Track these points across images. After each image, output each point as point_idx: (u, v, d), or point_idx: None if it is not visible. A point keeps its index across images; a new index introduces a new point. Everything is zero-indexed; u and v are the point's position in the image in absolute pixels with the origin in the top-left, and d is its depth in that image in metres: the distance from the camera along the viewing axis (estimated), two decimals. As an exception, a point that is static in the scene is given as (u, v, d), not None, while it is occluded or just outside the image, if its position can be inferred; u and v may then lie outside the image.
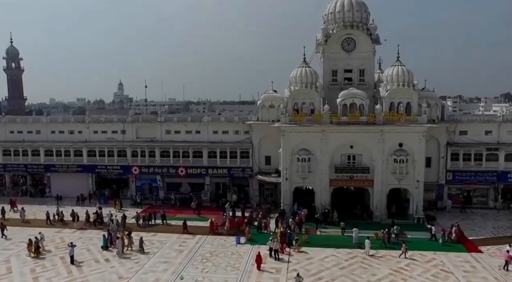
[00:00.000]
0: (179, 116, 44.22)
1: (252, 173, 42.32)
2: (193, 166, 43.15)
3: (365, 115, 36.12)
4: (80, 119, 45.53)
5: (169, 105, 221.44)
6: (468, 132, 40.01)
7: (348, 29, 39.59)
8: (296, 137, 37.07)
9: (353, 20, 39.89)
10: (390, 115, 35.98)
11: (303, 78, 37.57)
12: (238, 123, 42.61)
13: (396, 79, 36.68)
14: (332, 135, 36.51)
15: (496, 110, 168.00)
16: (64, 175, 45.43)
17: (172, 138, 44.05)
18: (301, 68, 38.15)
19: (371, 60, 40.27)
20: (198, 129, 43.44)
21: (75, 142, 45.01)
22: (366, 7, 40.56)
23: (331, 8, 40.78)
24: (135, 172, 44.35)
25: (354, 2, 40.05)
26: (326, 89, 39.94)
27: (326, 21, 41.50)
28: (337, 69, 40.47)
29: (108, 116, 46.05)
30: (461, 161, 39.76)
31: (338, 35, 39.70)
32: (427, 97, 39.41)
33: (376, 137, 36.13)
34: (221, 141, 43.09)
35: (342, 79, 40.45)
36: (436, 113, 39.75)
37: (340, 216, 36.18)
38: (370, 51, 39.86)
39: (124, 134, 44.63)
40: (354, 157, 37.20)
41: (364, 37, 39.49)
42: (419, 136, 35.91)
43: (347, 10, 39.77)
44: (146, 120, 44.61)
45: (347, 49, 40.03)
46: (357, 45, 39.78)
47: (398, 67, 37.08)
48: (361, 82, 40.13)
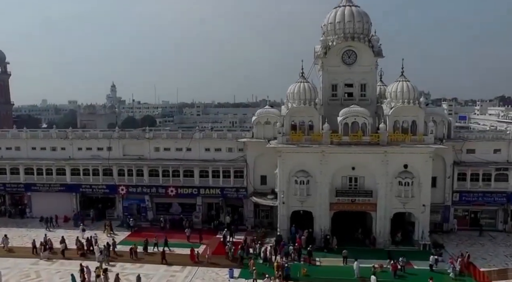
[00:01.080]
0: (168, 133, 41.47)
1: (247, 193, 39.74)
2: (183, 186, 40.46)
3: (367, 135, 33.66)
4: (63, 135, 42.59)
5: (162, 108, 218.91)
6: (476, 151, 37.74)
7: (349, 41, 37.10)
8: (293, 158, 34.53)
9: (354, 31, 37.40)
10: (395, 135, 33.57)
11: (301, 95, 35.03)
12: (232, 141, 39.97)
13: (401, 96, 34.26)
14: (333, 156, 34.02)
15: (491, 114, 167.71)
16: (46, 194, 42.52)
17: (161, 155, 41.34)
18: (299, 83, 35.62)
19: (373, 74, 37.82)
20: (189, 147, 40.76)
21: (58, 159, 42.10)
22: (367, 17, 38.10)
23: (331, 18, 38.26)
24: (122, 192, 41.58)
25: (355, 12, 37.57)
26: (325, 105, 37.45)
27: (325, 31, 38.99)
28: (337, 84, 37.99)
29: (93, 132, 43.06)
30: (469, 181, 37.45)
31: (338, 48, 37.21)
32: (433, 113, 37.13)
33: (379, 159, 33.70)
34: (214, 159, 40.46)
35: (342, 94, 37.98)
36: (443, 131, 37.48)
37: (340, 240, 33.89)
38: (372, 65, 37.41)
39: (110, 151, 41.82)
40: (356, 179, 34.75)
41: (365, 50, 37.03)
42: (426, 158, 33.54)
43: (347, 21, 37.26)
44: (134, 137, 41.81)
45: (347, 63, 37.56)
46: (358, 58, 37.31)
47: (403, 83, 34.67)
48: (362, 98, 37.67)
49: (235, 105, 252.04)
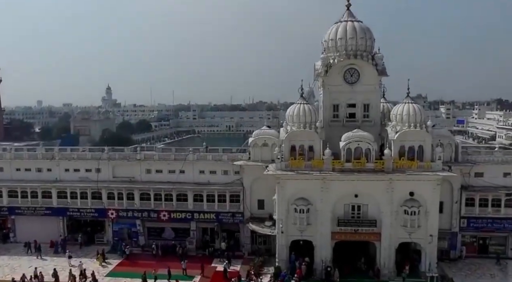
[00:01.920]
0: (160, 154, 39.21)
1: (243, 218, 37.66)
2: (177, 210, 38.32)
3: (372, 161, 31.63)
4: (49, 156, 40.34)
5: (158, 111, 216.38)
6: (484, 174, 35.85)
7: (351, 59, 35.10)
8: (293, 185, 32.45)
9: (356, 48, 35.40)
10: (401, 162, 31.55)
11: (301, 118, 32.98)
12: (227, 163, 37.85)
13: (407, 119, 32.25)
14: (335, 183, 31.98)
15: (490, 118, 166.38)
16: (31, 218, 40.22)
17: (153, 178, 39.21)
18: (298, 105, 33.60)
19: (377, 94, 35.84)
20: (182, 169, 38.64)
21: (44, 181, 39.85)
22: (370, 33, 36.10)
23: (332, 34, 36.23)
24: (112, 216, 39.38)
25: (358, 28, 35.56)
26: (326, 126, 35.44)
27: (326, 48, 36.96)
28: (339, 104, 36.00)
29: (81, 153, 40.78)
30: (477, 206, 35.53)
31: (339, 66, 35.21)
32: (439, 135, 35.15)
33: (384, 186, 31.70)
34: (208, 181, 38.37)
35: (344, 115, 35.97)
36: (450, 153, 35.52)
37: (342, 270, 31.96)
38: (376, 84, 35.43)
39: (99, 173, 39.62)
40: (359, 207, 32.72)
41: (369, 68, 35.04)
42: (433, 185, 31.55)
43: (350, 38, 35.23)
44: (124, 158, 39.58)
45: (350, 82, 35.57)
46: (361, 77, 35.34)
47: (409, 105, 32.68)
48: (365, 119, 35.69)
49: (232, 107, 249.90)
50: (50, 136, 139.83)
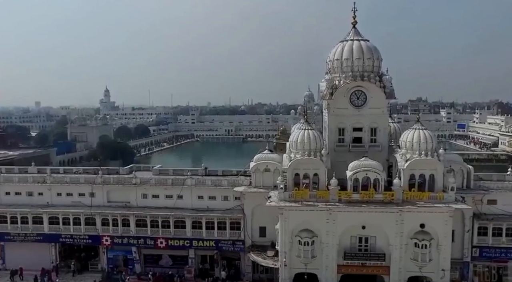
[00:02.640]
0: (157, 178, 37.37)
1: (244, 246, 35.89)
2: (174, 238, 36.53)
3: (380, 192, 29.88)
4: (41, 180, 38.42)
5: (157, 115, 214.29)
6: (497, 202, 34.12)
7: (358, 81, 33.32)
8: (297, 216, 30.69)
9: (363, 69, 33.63)
10: (411, 193, 29.81)
11: (306, 145, 31.17)
12: (227, 189, 36.06)
13: (417, 147, 30.47)
14: (341, 214, 30.22)
15: (491, 123, 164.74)
16: (21, 244, 38.34)
17: (149, 203, 37.43)
18: (302, 131, 31.77)
19: (385, 117, 34.11)
20: (180, 194, 36.85)
21: (34, 206, 37.99)
22: (378, 53, 34.34)
23: (337, 54, 34.44)
24: (106, 243, 37.59)
25: (365, 48, 33.79)
26: (331, 151, 33.67)
27: (331, 68, 35.22)
28: (345, 127, 34.21)
29: (74, 177, 38.83)
30: (490, 236, 33.80)
31: (345, 88, 33.42)
32: (450, 161, 33.42)
33: (393, 218, 29.97)
34: (207, 207, 36.60)
35: (350, 139, 34.19)
36: (461, 180, 33.80)
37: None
38: (384, 107, 33.69)
39: (92, 198, 37.81)
40: (366, 239, 30.98)
41: (376, 91, 33.28)
42: (445, 217, 29.83)
43: (356, 58, 33.45)
44: (119, 182, 37.74)
45: (356, 104, 33.80)
46: (368, 99, 33.56)
47: (419, 131, 30.91)
48: (373, 144, 33.92)
49: (231, 111, 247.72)
50: (46, 141, 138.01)
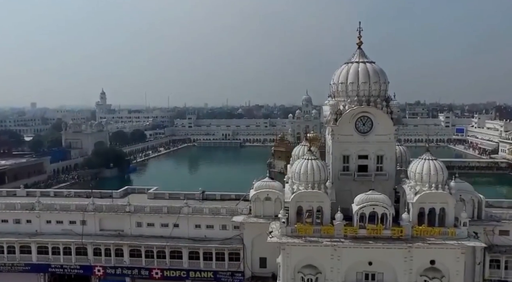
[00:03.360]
0: (152, 206, 35.58)
1: (244, 278, 34.20)
2: (170, 268, 34.80)
3: (388, 228, 28.17)
4: (29, 207, 36.53)
5: (153, 118, 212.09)
6: (510, 233, 32.54)
7: (364, 106, 31.61)
8: (300, 251, 28.91)
9: (369, 94, 31.96)
10: (421, 229, 28.12)
11: (309, 176, 29.40)
12: (226, 218, 34.32)
13: (427, 179, 28.79)
14: (347, 250, 28.46)
15: (490, 127, 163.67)
16: (7, 275, 36.52)
17: (144, 231, 35.66)
18: (306, 161, 29.96)
19: (392, 144, 32.41)
20: (176, 223, 35.07)
21: (22, 234, 36.13)
22: (384, 76, 32.67)
23: (341, 77, 32.73)
24: (99, 273, 35.81)
25: (371, 72, 32.08)
26: (335, 179, 32.00)
27: (335, 91, 33.52)
28: (350, 155, 32.47)
29: (64, 203, 36.91)
30: (503, 269, 32.24)
31: (351, 114, 31.70)
32: (461, 190, 31.76)
33: (402, 255, 28.26)
34: (205, 236, 34.90)
35: (355, 167, 32.45)
36: (472, 209, 32.19)
37: None
38: (391, 134, 31.98)
39: (84, 226, 35.98)
40: (373, 275, 29.22)
41: (383, 117, 31.58)
42: (457, 254, 28.15)
43: (362, 82, 31.75)
44: (112, 210, 35.91)
45: (362, 131, 32.09)
46: (374, 126, 31.86)
47: (429, 162, 29.23)
48: (379, 172, 32.22)
49: (228, 114, 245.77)
50: (41, 147, 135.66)
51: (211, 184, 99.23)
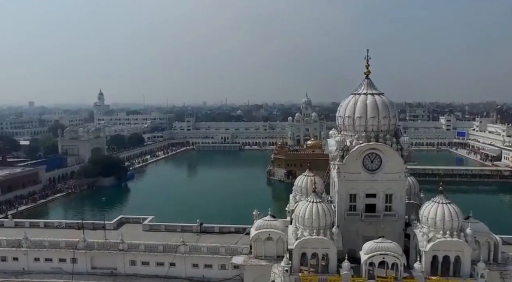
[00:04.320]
0: (146, 243, 33.58)
1: (244, 321, 32.24)
2: (165, 310, 32.86)
3: (400, 279, 26.23)
4: (16, 243, 34.52)
5: (151, 120, 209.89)
6: (527, 277, 30.57)
7: (372, 143, 29.59)
8: (304, 302, 27.06)
9: (378, 129, 29.95)
10: (435, 280, 26.18)
11: (314, 221, 27.44)
12: (225, 257, 32.37)
13: (441, 225, 26.85)
14: (354, 302, 26.61)
15: (491, 131, 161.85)
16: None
17: (138, 270, 33.79)
18: (310, 204, 27.99)
19: (402, 183, 30.39)
20: (172, 262, 33.11)
21: (7, 273, 34.19)
22: (394, 110, 30.68)
23: (349, 110, 30.68)
24: (90, 314, 33.81)
25: (380, 105, 30.03)
26: (341, 219, 30.10)
27: (341, 124, 31.49)
28: (357, 194, 30.48)
29: (53, 240, 34.89)
30: (519, 316, 30.30)
31: (358, 151, 29.68)
32: (475, 232, 29.73)
33: (414, 307, 26.38)
34: (203, 276, 33.07)
35: (363, 207, 30.47)
36: (487, 252, 30.23)
37: None
38: (401, 172, 29.96)
39: (74, 264, 34.00)
40: (383, 328, 27.36)
41: (393, 155, 29.57)
42: (473, 306, 26.29)
43: (371, 117, 29.72)
44: (104, 248, 33.93)
45: (370, 168, 30.11)
46: (383, 163, 29.87)
47: (443, 207, 27.26)
48: (388, 212, 30.25)
49: (227, 114, 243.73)
50: (37, 152, 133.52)
51: (210, 193, 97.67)
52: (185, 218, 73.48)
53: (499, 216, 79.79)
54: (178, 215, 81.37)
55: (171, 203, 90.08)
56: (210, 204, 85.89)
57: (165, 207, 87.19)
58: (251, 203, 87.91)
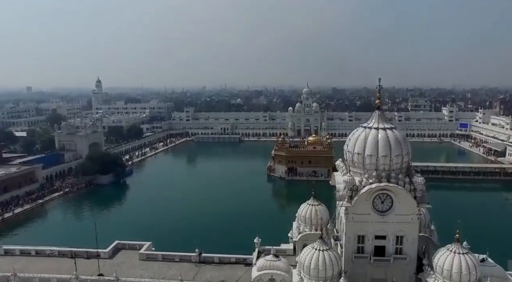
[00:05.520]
0: None
1: None
2: None
3: None
4: (3, 280, 32.82)
5: (150, 109, 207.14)
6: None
7: (384, 184, 27.54)
8: None
9: (390, 168, 27.85)
10: None
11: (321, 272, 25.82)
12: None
13: (458, 278, 25.10)
14: None
15: (495, 123, 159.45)
16: None
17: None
18: (316, 252, 26.16)
19: (414, 225, 28.44)
20: (169, 301, 31.55)
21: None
22: (407, 146, 28.47)
23: (358, 146, 28.49)
24: None
25: (393, 142, 27.87)
26: (348, 261, 28.32)
27: (350, 160, 29.36)
28: (365, 235, 28.63)
29: (43, 277, 33.07)
30: None
31: (368, 192, 27.69)
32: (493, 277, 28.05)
33: None
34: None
35: (371, 249, 28.63)
36: (502, 298, 28.64)
37: None
38: (414, 214, 28.01)
39: (68, 300, 32.42)
40: None
41: (405, 196, 27.55)
42: None
43: (382, 155, 27.58)
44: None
45: (380, 209, 28.17)
46: (394, 204, 27.92)
47: (460, 257, 25.44)
48: (398, 256, 28.43)
49: (227, 104, 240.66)
50: (34, 145, 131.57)
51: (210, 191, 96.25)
52: (185, 222, 73.07)
53: (503, 215, 79.00)
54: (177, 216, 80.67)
55: (170, 201, 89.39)
56: (210, 204, 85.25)
57: (164, 206, 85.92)
58: (251, 202, 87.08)
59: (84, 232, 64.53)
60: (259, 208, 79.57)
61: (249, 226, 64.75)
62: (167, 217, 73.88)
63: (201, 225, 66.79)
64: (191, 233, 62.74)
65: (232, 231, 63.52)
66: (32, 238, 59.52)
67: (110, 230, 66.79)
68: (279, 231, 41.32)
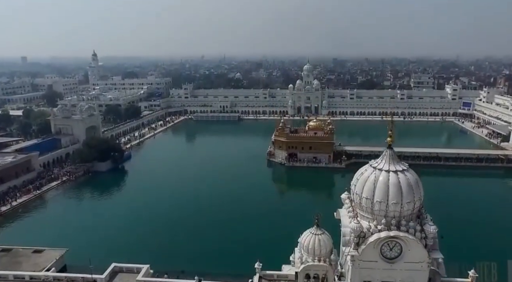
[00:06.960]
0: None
1: None
2: None
3: None
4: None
5: (148, 86, 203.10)
6: None
7: (393, 233, 25.98)
8: None
9: (400, 215, 26.21)
10: None
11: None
12: None
13: None
14: None
15: (499, 103, 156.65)
16: None
17: None
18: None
19: (425, 274, 27.11)
20: None
21: None
22: (420, 192, 26.60)
23: (367, 190, 26.67)
24: None
25: (405, 188, 26.00)
26: (354, 306, 27.26)
27: (357, 203, 27.64)
28: (372, 281, 27.43)
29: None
30: None
31: (376, 241, 26.18)
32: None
33: None
34: None
35: (378, 295, 27.55)
36: None
37: None
38: (424, 262, 26.64)
39: None
40: None
41: (415, 244, 26.04)
42: None
43: (393, 203, 25.84)
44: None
45: (388, 257, 26.75)
46: (404, 252, 26.46)
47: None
48: (406, 302, 27.36)
49: (226, 79, 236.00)
50: (30, 127, 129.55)
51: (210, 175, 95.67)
52: (185, 206, 73.38)
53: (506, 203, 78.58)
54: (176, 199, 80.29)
55: (171, 186, 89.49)
56: (211, 188, 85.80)
57: (164, 190, 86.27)
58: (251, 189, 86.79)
59: (85, 232, 64.14)
60: (260, 205, 77.50)
61: (250, 227, 64.32)
62: (166, 217, 72.65)
63: (201, 225, 65.99)
64: (190, 233, 62.28)
65: (233, 231, 62.90)
66: (32, 238, 58.95)
67: (109, 229, 66.24)
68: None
